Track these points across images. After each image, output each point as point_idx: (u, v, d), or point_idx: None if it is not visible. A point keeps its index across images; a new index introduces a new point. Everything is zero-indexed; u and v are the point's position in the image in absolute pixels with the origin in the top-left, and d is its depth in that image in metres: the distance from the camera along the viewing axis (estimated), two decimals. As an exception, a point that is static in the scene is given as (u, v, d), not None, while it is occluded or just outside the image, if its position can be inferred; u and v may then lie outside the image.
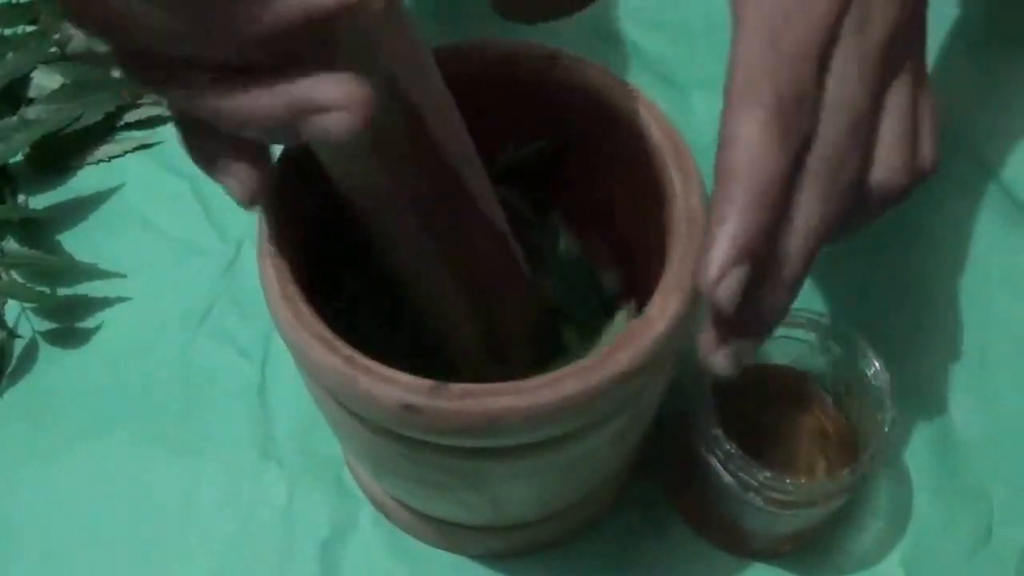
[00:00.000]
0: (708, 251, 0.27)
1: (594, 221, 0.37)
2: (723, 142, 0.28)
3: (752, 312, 0.28)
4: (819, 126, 0.28)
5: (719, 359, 0.28)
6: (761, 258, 0.27)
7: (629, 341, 0.28)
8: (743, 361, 0.28)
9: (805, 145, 0.28)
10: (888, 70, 0.30)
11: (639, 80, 0.52)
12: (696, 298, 0.29)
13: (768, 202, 0.27)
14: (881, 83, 0.30)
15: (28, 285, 0.46)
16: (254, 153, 0.24)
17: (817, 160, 0.28)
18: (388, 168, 0.28)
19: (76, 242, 0.48)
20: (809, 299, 0.37)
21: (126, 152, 0.50)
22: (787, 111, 0.27)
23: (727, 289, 0.26)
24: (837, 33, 0.29)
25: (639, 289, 0.35)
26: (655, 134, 0.32)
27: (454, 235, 0.31)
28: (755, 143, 0.27)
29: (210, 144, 0.24)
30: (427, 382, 0.27)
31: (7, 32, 0.53)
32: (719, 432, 0.35)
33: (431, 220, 0.30)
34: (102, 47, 0.53)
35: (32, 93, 0.51)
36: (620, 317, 0.37)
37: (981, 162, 0.49)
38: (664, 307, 0.28)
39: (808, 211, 0.28)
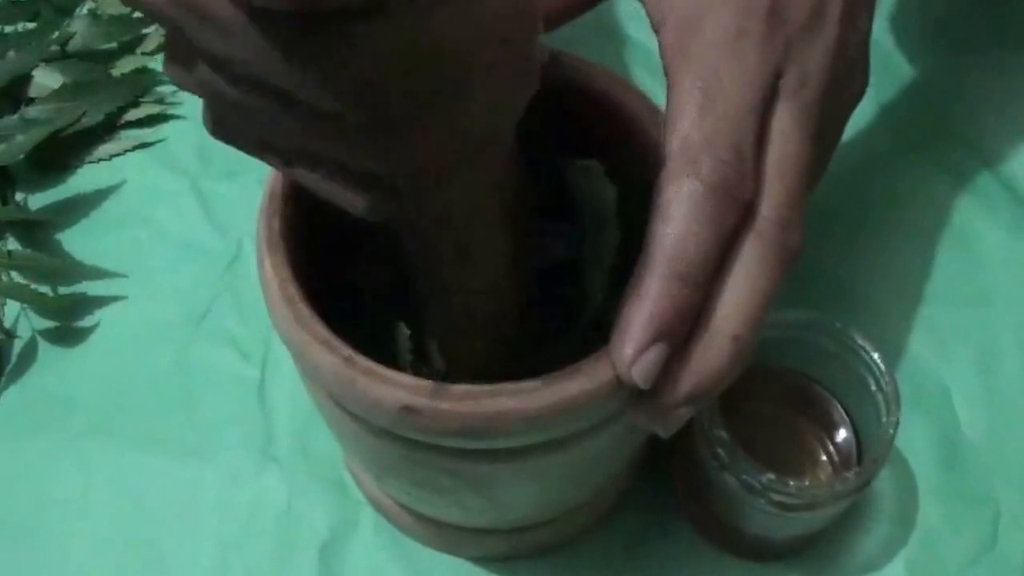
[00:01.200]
0: (624, 329, 0.26)
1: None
2: (656, 212, 0.27)
3: (693, 380, 0.27)
4: (764, 186, 0.28)
5: (660, 429, 0.28)
6: (682, 336, 0.26)
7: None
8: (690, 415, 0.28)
9: (747, 211, 0.27)
10: (825, 115, 0.30)
11: (641, 80, 0.51)
12: None
13: (694, 280, 0.26)
14: (822, 132, 0.30)
15: (28, 286, 0.46)
16: None
17: (765, 221, 0.27)
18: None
19: (75, 241, 0.48)
20: (813, 302, 0.37)
21: (126, 151, 0.50)
22: (725, 183, 0.27)
23: (642, 370, 0.26)
24: (775, 91, 0.29)
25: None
26: (657, 135, 0.31)
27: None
28: (688, 219, 0.26)
29: None
30: (427, 383, 0.27)
31: (7, 30, 0.53)
32: (723, 434, 0.35)
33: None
34: (103, 45, 0.53)
35: (33, 92, 0.51)
36: None
37: (986, 163, 0.49)
38: None
39: (755, 273, 0.27)
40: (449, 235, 0.28)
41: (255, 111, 0.20)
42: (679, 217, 0.26)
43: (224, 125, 0.22)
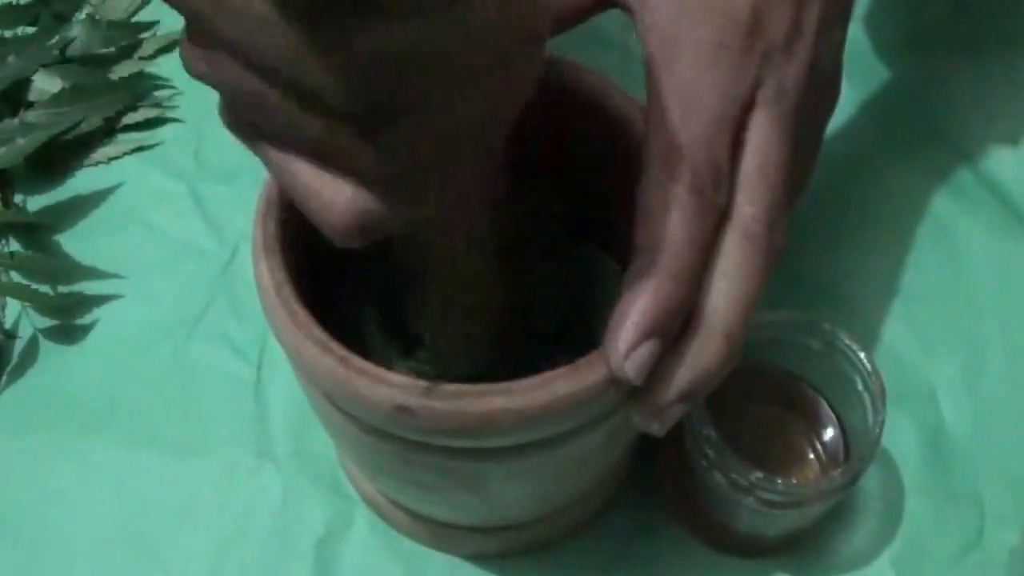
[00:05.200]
0: (617, 326, 0.27)
1: (589, 227, 0.37)
2: (641, 216, 0.28)
3: (687, 377, 0.28)
4: (744, 192, 0.29)
5: (655, 427, 0.29)
6: (673, 333, 0.27)
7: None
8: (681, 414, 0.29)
9: (724, 214, 0.28)
10: (803, 124, 0.31)
11: (636, 85, 0.52)
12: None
13: (683, 277, 0.27)
14: (801, 141, 0.31)
15: (29, 286, 0.46)
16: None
17: (751, 222, 0.28)
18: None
19: (74, 242, 0.48)
20: (800, 303, 0.38)
21: (124, 154, 0.51)
22: (704, 188, 0.28)
23: (635, 364, 0.27)
24: (753, 102, 0.30)
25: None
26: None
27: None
28: (672, 220, 0.27)
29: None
30: (420, 383, 0.27)
31: (7, 34, 0.53)
32: (711, 432, 0.35)
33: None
34: (101, 50, 0.53)
35: (32, 96, 0.51)
36: None
37: (969, 163, 0.49)
38: None
39: (744, 272, 0.28)
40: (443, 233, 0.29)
41: (263, 101, 0.21)
42: (663, 218, 0.27)
43: (234, 114, 0.23)
